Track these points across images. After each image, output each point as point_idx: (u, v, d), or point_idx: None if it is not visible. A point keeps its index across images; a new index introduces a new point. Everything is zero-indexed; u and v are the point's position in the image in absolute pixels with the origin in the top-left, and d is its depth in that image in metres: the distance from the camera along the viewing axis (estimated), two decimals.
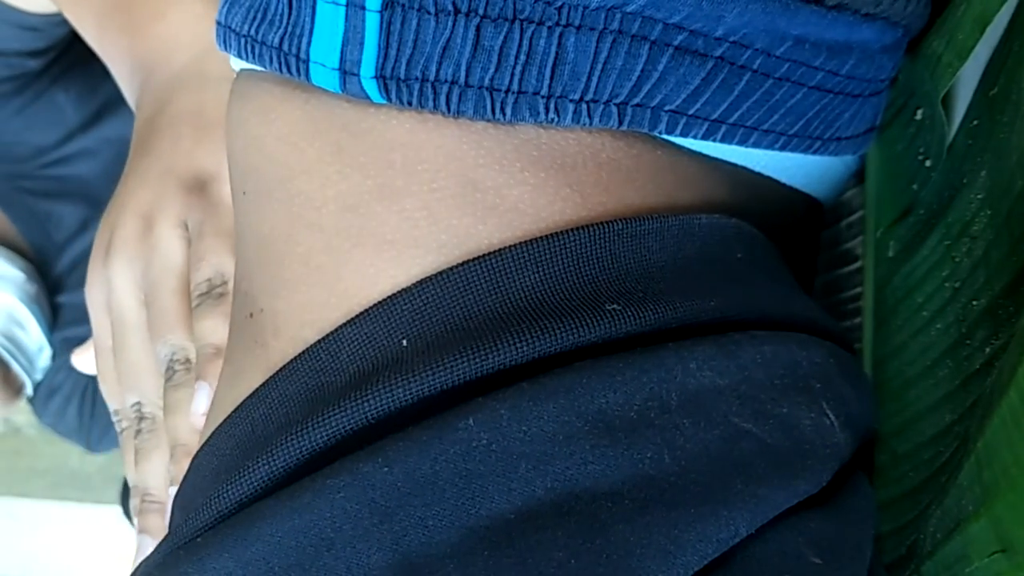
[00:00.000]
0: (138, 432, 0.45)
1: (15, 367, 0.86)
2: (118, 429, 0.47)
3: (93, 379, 1.03)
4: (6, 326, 0.84)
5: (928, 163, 0.33)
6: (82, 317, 0.98)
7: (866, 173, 0.37)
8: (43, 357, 0.90)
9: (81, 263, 0.96)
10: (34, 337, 0.87)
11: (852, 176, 0.37)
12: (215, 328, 0.42)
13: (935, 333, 0.31)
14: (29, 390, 0.90)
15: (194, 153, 0.46)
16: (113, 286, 0.46)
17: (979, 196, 0.29)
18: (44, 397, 1.01)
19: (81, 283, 0.96)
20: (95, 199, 0.93)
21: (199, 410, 0.40)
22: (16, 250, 0.91)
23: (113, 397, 0.47)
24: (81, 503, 1.62)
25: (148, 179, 0.46)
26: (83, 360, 0.55)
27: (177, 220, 0.45)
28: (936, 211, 0.32)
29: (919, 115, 0.33)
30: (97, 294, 0.48)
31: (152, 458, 0.45)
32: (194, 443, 0.41)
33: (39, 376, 0.90)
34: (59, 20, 0.76)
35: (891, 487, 0.33)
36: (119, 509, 1.57)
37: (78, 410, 1.03)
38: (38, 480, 1.65)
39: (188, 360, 0.43)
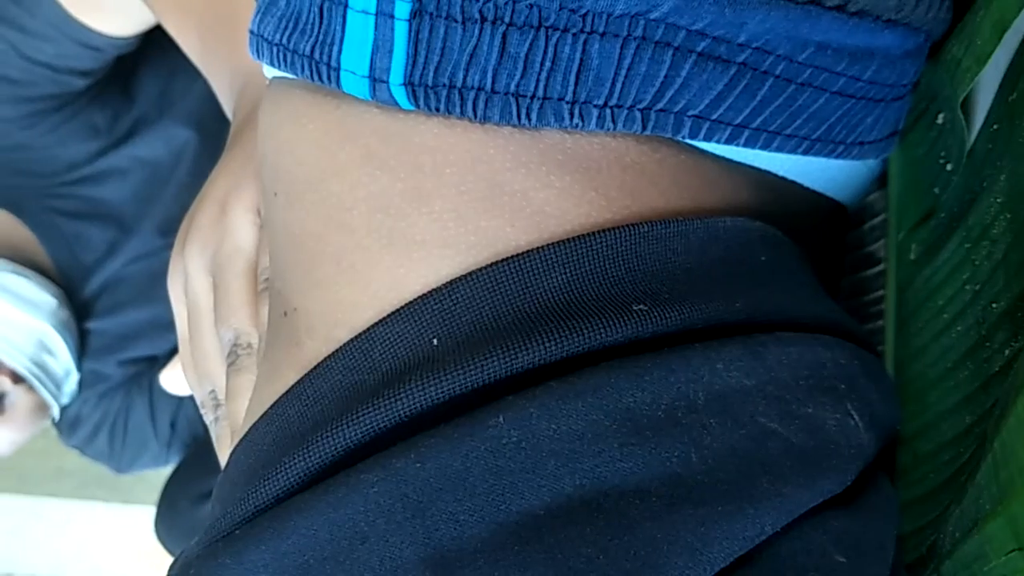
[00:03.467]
0: (215, 420, 0.45)
1: (43, 392, 0.86)
2: (206, 420, 0.46)
3: (124, 409, 1.03)
4: (36, 353, 0.85)
5: (949, 167, 0.33)
6: (110, 345, 0.98)
7: (888, 176, 0.37)
8: (70, 382, 0.91)
9: (110, 288, 0.97)
10: (62, 363, 0.88)
11: (875, 179, 0.37)
12: None
13: (955, 335, 0.32)
14: (55, 413, 0.91)
15: None
16: (188, 272, 0.46)
17: (999, 200, 0.29)
18: (70, 424, 1.02)
19: (109, 310, 0.97)
20: (123, 222, 0.94)
21: None
22: (45, 274, 0.92)
23: (193, 387, 0.47)
24: (108, 503, 1.63)
25: (229, 170, 0.47)
26: (169, 378, 0.55)
27: (250, 205, 0.44)
28: (956, 214, 0.32)
29: (940, 119, 0.33)
30: (176, 283, 0.48)
31: (226, 447, 0.44)
32: None
33: (66, 400, 0.91)
34: (121, 43, 0.77)
35: (913, 488, 0.33)
36: (146, 509, 1.58)
37: (108, 438, 1.03)
38: (66, 480, 1.66)
39: (250, 345, 0.42)
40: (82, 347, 0.98)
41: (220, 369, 0.45)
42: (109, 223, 0.93)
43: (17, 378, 0.83)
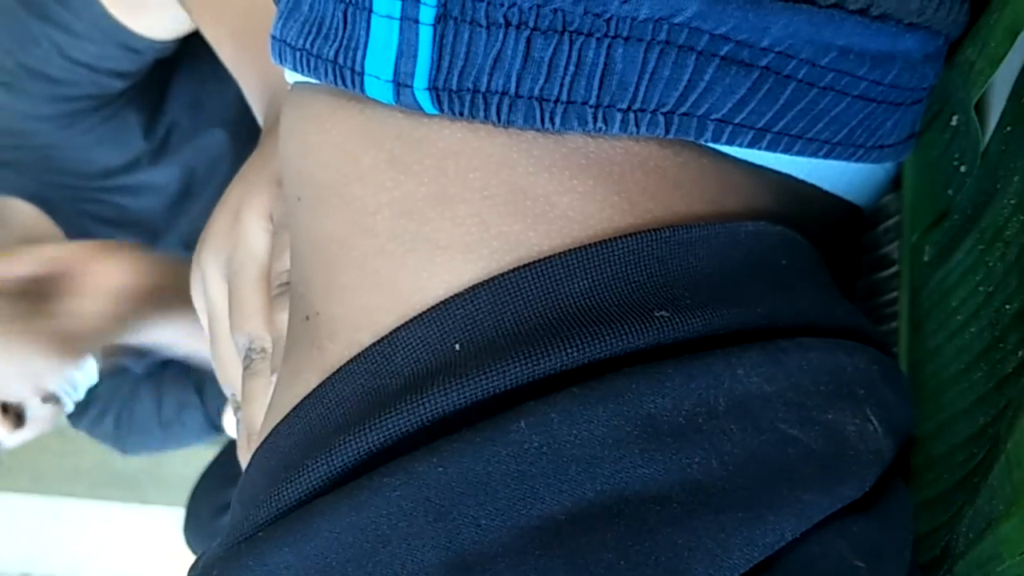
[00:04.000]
0: (238, 423, 0.45)
1: (66, 404, 0.86)
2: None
3: (131, 390, 1.04)
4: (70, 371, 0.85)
5: (963, 169, 0.33)
6: (127, 348, 0.99)
7: (903, 178, 0.37)
8: (88, 379, 0.91)
9: None
10: (88, 373, 0.88)
11: (891, 181, 0.37)
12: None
13: (969, 337, 0.32)
14: (69, 409, 0.92)
15: None
16: (204, 279, 0.47)
17: (1012, 201, 0.29)
18: (80, 405, 1.03)
19: None
20: (155, 231, 0.94)
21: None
22: None
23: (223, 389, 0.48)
24: (125, 503, 1.64)
25: (245, 178, 0.47)
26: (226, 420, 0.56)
27: (263, 212, 0.45)
28: (970, 216, 0.32)
29: (954, 121, 0.33)
30: (196, 290, 0.48)
31: (244, 449, 0.45)
32: None
33: (80, 397, 0.92)
34: (160, 46, 0.78)
35: (927, 489, 0.33)
36: (162, 509, 1.59)
37: (115, 419, 1.05)
38: (82, 480, 1.67)
39: (264, 350, 0.43)
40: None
41: (238, 373, 0.45)
42: (141, 232, 0.94)
43: (48, 396, 0.83)
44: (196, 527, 1.00)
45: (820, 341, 0.27)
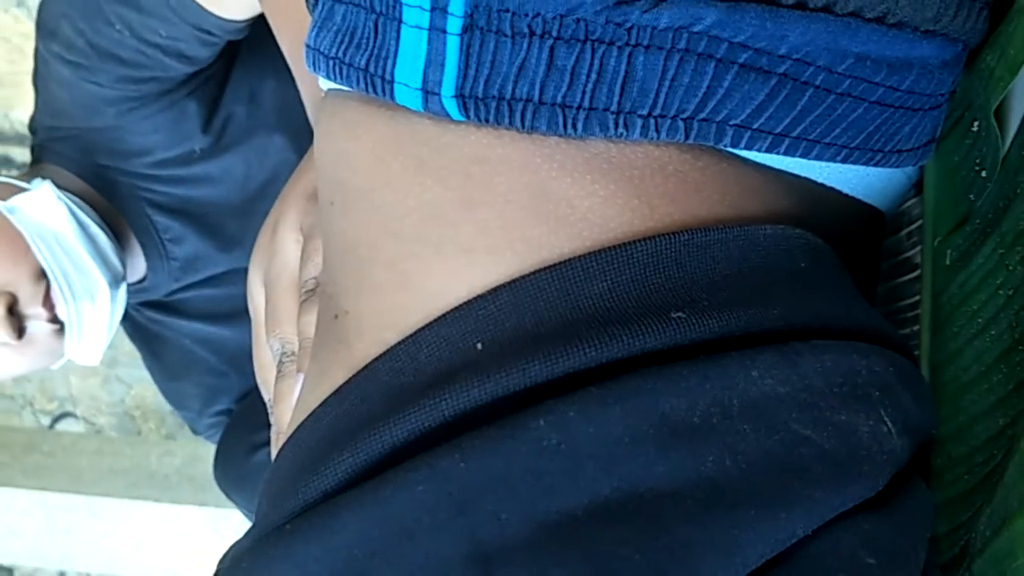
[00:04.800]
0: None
1: (66, 340, 0.86)
2: None
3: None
4: (83, 301, 0.85)
5: (984, 174, 0.33)
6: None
7: (924, 183, 0.37)
8: (91, 345, 0.91)
9: (190, 299, 1.00)
10: (99, 322, 0.88)
11: (912, 186, 0.37)
12: (315, 322, 0.43)
13: (989, 339, 0.32)
14: (58, 364, 0.91)
15: None
16: (250, 290, 0.49)
17: None
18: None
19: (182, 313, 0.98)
20: (228, 237, 0.96)
21: (296, 397, 0.42)
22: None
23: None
24: (159, 502, 1.65)
25: (284, 194, 0.49)
26: None
27: (295, 224, 0.47)
28: (991, 221, 0.32)
29: (975, 127, 0.33)
30: (248, 302, 0.51)
31: (275, 449, 0.46)
32: None
33: (72, 356, 0.90)
34: (232, 28, 0.79)
35: (947, 489, 0.34)
36: (195, 508, 1.60)
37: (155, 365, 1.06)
38: (118, 480, 1.69)
39: (295, 354, 0.44)
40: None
41: (273, 377, 0.46)
42: (204, 228, 0.95)
43: (55, 319, 0.83)
44: (226, 465, 1.00)
45: (835, 343, 0.28)
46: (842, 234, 0.34)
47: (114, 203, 0.92)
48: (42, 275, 0.82)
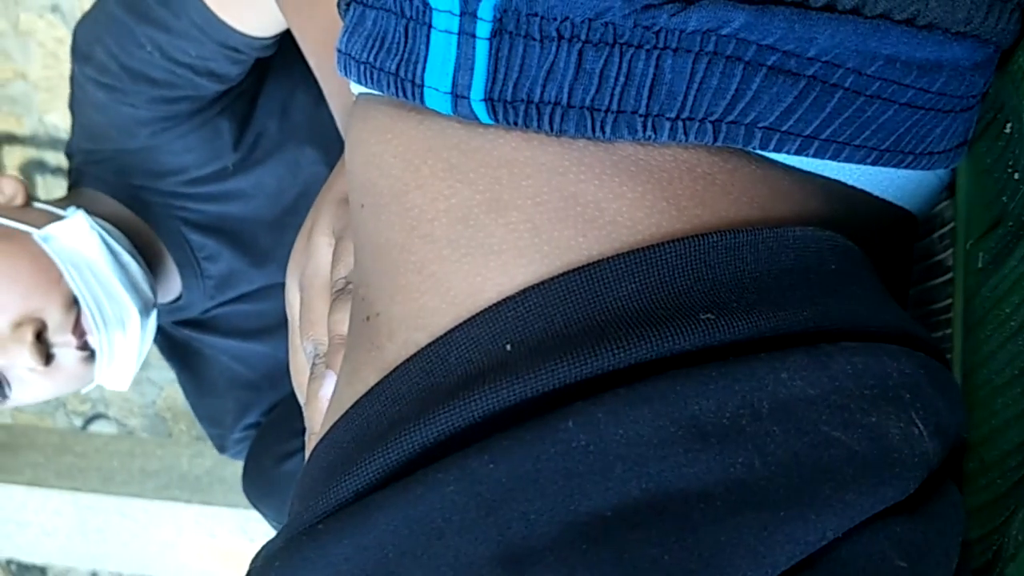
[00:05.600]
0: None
1: (96, 368, 0.87)
2: None
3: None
4: (114, 330, 0.86)
5: (1017, 176, 0.33)
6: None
7: (956, 186, 0.37)
8: (120, 373, 0.92)
9: (224, 316, 1.00)
10: (128, 351, 0.89)
11: (944, 189, 0.37)
12: (344, 320, 0.43)
13: (1022, 342, 0.32)
14: (87, 389, 0.92)
15: None
16: (287, 296, 0.49)
17: None
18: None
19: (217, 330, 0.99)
20: (260, 251, 0.96)
21: (324, 395, 0.42)
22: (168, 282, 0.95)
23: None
24: (190, 503, 1.67)
25: (319, 200, 0.49)
26: None
27: (326, 228, 0.47)
28: None
29: (1008, 129, 0.33)
30: (286, 307, 0.51)
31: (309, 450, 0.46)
32: None
33: (101, 383, 0.91)
34: (260, 45, 0.81)
35: (979, 494, 0.33)
36: (225, 510, 1.61)
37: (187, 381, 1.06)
38: (150, 481, 1.70)
39: (326, 354, 0.44)
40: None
41: (307, 380, 0.47)
42: (238, 244, 0.96)
43: (84, 346, 0.84)
44: (255, 474, 1.00)
45: (865, 345, 0.28)
46: (873, 236, 0.33)
47: (150, 223, 0.93)
48: (73, 303, 0.83)
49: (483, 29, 0.27)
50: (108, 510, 1.71)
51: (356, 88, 0.34)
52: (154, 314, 0.91)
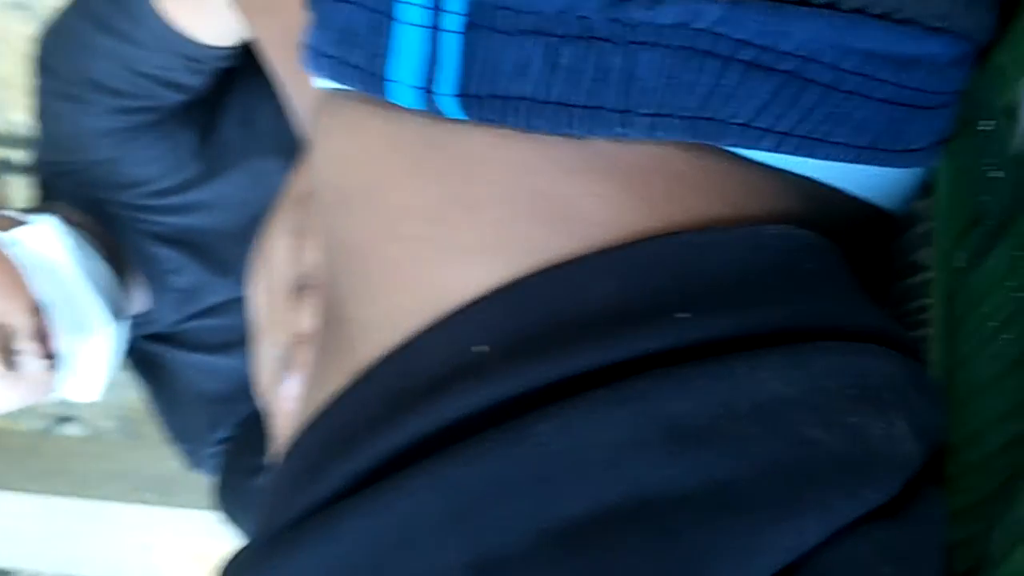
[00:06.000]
0: None
1: (59, 377, 0.86)
2: None
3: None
4: (79, 339, 0.85)
5: (995, 174, 0.33)
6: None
7: (934, 184, 0.37)
8: (85, 385, 0.90)
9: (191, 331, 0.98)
10: (95, 362, 0.88)
11: (921, 187, 0.37)
12: (303, 319, 0.42)
13: (1003, 343, 0.31)
14: (52, 399, 0.90)
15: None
16: (252, 303, 0.48)
17: None
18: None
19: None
20: (222, 261, 0.95)
21: (286, 394, 0.41)
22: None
23: None
24: (160, 506, 1.66)
25: (276, 203, 0.49)
26: None
27: (285, 229, 0.46)
28: (1004, 222, 0.32)
29: (986, 126, 0.33)
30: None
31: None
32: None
33: (67, 397, 0.90)
34: (220, 55, 0.80)
35: (960, 497, 0.33)
36: (196, 512, 1.60)
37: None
38: (118, 483, 1.69)
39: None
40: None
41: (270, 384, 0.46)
42: (203, 257, 0.95)
43: (49, 355, 0.83)
44: (228, 487, 1.00)
45: (844, 345, 0.27)
46: (849, 235, 0.33)
47: (116, 237, 0.92)
48: (38, 309, 0.82)
49: (453, 23, 0.27)
50: (78, 514, 1.70)
51: (323, 84, 0.34)
52: (125, 324, 0.90)
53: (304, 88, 0.54)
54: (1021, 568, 0.28)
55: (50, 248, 0.83)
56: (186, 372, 1.01)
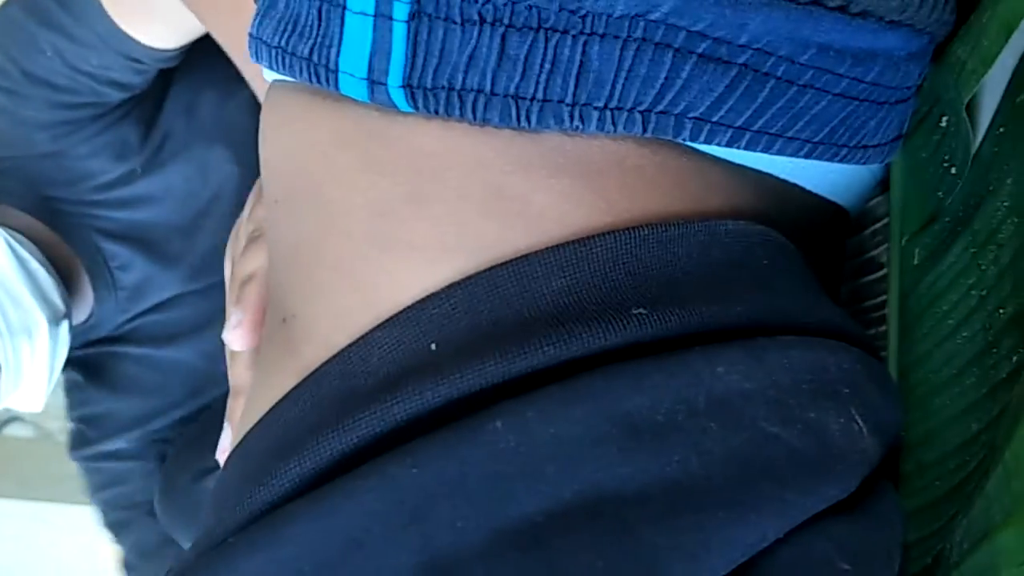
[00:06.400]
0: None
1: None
2: None
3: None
4: (18, 340, 0.82)
5: (953, 171, 0.32)
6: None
7: (891, 180, 0.37)
8: (28, 392, 0.87)
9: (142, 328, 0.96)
10: (36, 366, 0.85)
11: (878, 184, 0.37)
12: (250, 260, 0.41)
13: (961, 341, 0.31)
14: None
15: None
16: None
17: (1005, 204, 0.29)
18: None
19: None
20: (168, 255, 0.94)
21: (233, 344, 0.40)
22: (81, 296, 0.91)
23: None
24: None
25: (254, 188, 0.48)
26: None
27: (248, 214, 0.46)
28: (962, 219, 0.32)
29: (944, 122, 0.33)
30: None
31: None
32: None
33: (7, 404, 0.87)
34: (164, 57, 0.79)
35: (917, 496, 0.33)
36: None
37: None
38: (67, 485, 1.66)
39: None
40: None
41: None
42: (151, 252, 0.93)
43: None
44: (170, 495, 0.97)
45: (802, 339, 0.27)
46: (805, 231, 0.33)
47: (62, 235, 0.90)
48: None
49: (400, 11, 0.26)
50: (25, 516, 1.68)
51: (269, 75, 0.33)
52: (65, 326, 0.87)
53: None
54: (980, 568, 0.27)
55: None
56: (126, 366, 0.99)
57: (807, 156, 0.29)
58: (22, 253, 0.83)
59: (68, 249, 0.90)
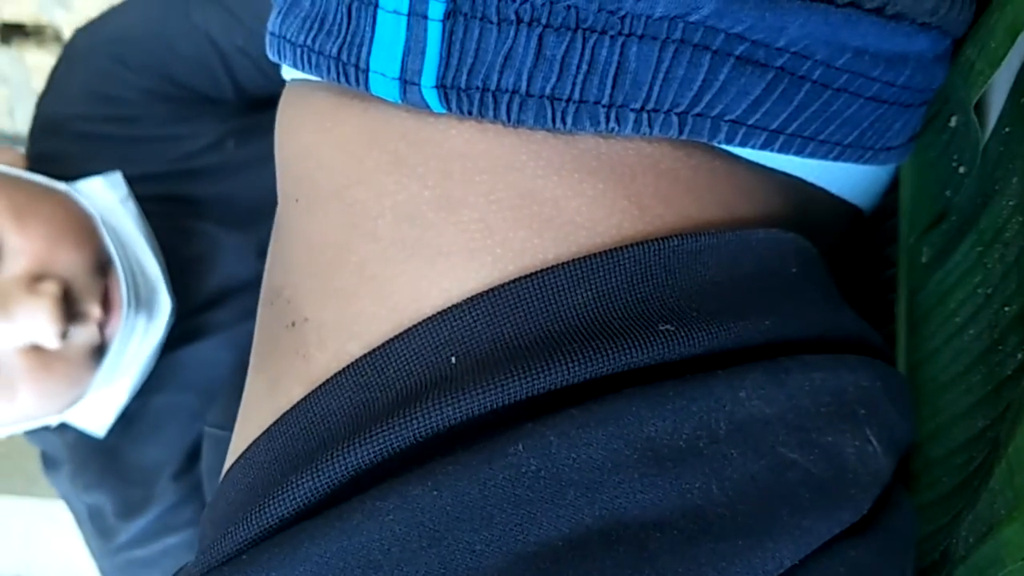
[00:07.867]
0: None
1: (107, 363, 0.72)
2: None
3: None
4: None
5: (962, 170, 0.33)
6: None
7: (900, 180, 0.37)
8: (126, 377, 0.76)
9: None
10: (140, 354, 0.75)
11: (890, 184, 0.37)
12: None
13: (968, 339, 0.31)
14: (85, 393, 0.75)
15: None
16: None
17: (1011, 202, 0.29)
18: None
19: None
20: (247, 229, 0.85)
21: None
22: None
23: None
24: None
25: None
26: None
27: None
28: (969, 217, 0.32)
29: (953, 122, 0.33)
30: None
31: None
32: None
33: (105, 386, 0.75)
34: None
35: (924, 492, 0.33)
36: None
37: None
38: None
39: None
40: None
41: None
42: (231, 224, 0.84)
43: (105, 326, 0.68)
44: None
45: (824, 359, 0.27)
46: (826, 234, 0.33)
47: (143, 205, 0.81)
48: (100, 270, 0.69)
49: (436, 10, 0.25)
50: (34, 514, 1.67)
51: (289, 74, 0.31)
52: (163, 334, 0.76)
53: None
54: (986, 562, 0.28)
55: (116, 210, 0.71)
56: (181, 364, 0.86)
57: (836, 159, 0.29)
58: (150, 230, 0.74)
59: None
